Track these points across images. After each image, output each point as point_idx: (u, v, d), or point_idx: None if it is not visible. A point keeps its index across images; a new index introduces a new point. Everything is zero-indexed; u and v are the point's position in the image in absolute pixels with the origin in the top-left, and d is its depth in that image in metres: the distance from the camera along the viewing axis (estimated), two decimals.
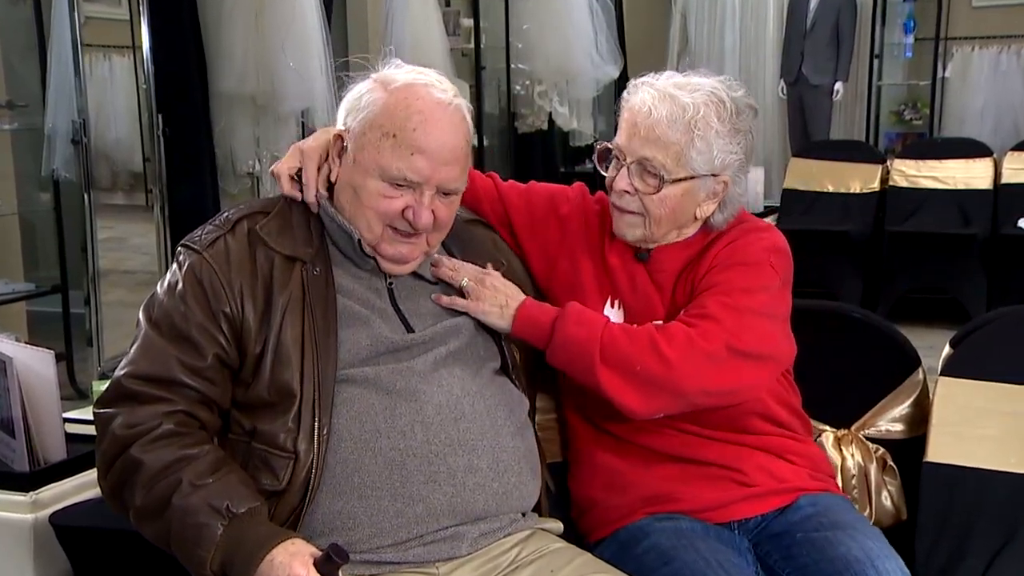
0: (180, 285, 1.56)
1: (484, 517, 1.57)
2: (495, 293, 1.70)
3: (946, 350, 2.03)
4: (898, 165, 5.96)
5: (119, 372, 1.54)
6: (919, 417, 2.00)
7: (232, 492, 1.43)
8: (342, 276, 1.61)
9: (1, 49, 4.38)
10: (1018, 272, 5.38)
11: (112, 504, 1.53)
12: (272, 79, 4.33)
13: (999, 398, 1.94)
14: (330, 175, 1.65)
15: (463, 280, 1.70)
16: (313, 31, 4.43)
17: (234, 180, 4.54)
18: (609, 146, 1.77)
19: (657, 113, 1.69)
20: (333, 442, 1.51)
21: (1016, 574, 1.78)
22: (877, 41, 7.78)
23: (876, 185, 5.91)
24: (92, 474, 1.67)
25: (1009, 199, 5.64)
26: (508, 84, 6.81)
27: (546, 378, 1.84)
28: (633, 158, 1.72)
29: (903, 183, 5.87)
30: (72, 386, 4.20)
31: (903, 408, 2.01)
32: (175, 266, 1.59)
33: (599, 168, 1.80)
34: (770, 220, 5.70)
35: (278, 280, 1.56)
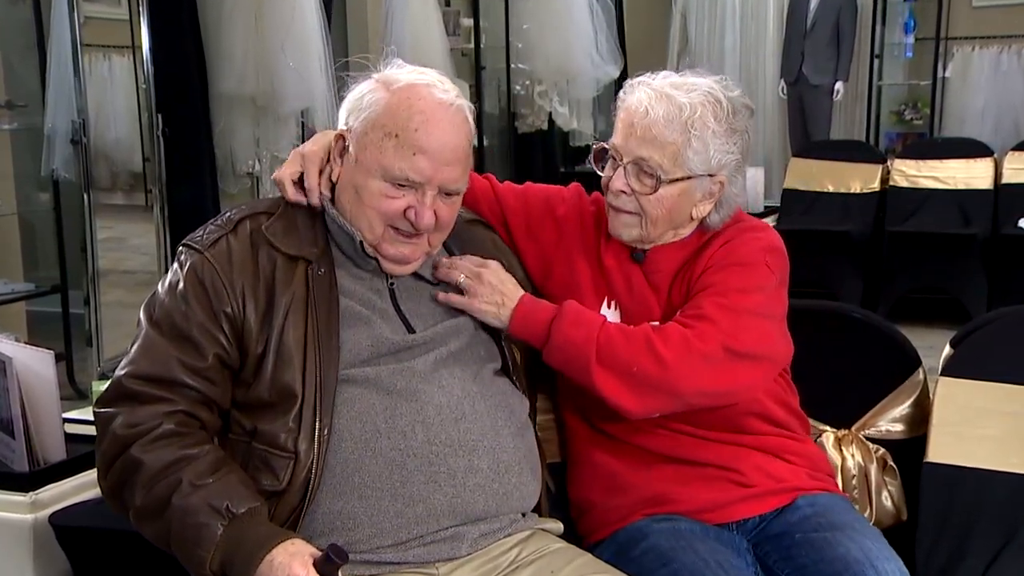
0: (181, 285, 1.55)
1: (484, 517, 1.56)
2: (492, 291, 1.69)
3: (946, 350, 2.04)
4: (898, 165, 5.96)
5: (119, 372, 1.53)
6: (919, 417, 2.00)
7: (232, 492, 1.43)
8: (343, 276, 1.61)
9: (1, 49, 4.37)
10: (1019, 272, 5.37)
11: (112, 504, 1.53)
12: (272, 79, 4.32)
13: (999, 398, 1.94)
14: (332, 175, 1.65)
15: (460, 277, 1.69)
16: (313, 31, 4.43)
17: (234, 180, 4.53)
18: (605, 146, 1.77)
19: (654, 113, 1.69)
20: (334, 442, 1.51)
21: (1016, 574, 1.78)
22: (877, 41, 7.77)
23: (876, 185, 5.91)
24: (92, 474, 1.67)
25: (1009, 199, 5.64)
26: (508, 84, 6.81)
27: (546, 378, 1.84)
28: (629, 158, 1.72)
29: (903, 183, 5.86)
30: (72, 386, 4.19)
31: (903, 408, 2.01)
32: (176, 266, 1.59)
33: (595, 168, 1.80)
34: (770, 220, 5.70)
35: (281, 280, 1.56)
